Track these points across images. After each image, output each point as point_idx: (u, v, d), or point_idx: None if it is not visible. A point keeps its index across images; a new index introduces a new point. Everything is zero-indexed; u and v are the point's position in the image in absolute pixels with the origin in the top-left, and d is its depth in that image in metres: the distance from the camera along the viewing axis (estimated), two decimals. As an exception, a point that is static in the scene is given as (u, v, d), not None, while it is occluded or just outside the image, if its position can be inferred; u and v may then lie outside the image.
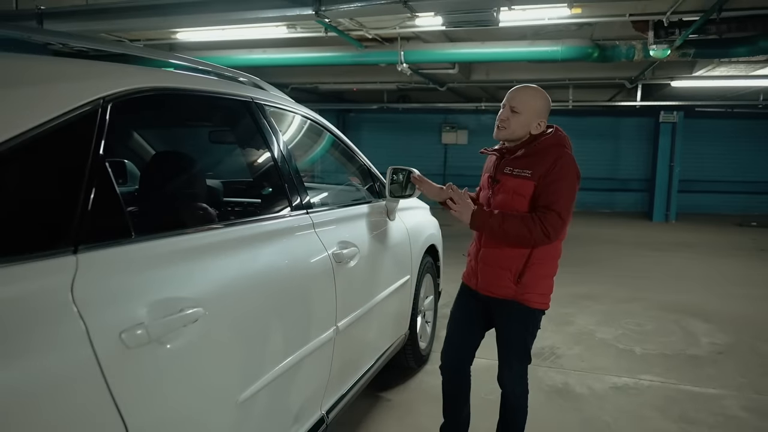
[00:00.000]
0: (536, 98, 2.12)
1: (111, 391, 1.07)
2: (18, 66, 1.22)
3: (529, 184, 2.05)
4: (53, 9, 3.99)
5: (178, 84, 1.64)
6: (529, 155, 2.09)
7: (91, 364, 1.05)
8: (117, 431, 1.08)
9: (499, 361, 2.29)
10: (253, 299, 1.60)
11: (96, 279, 1.13)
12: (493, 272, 2.17)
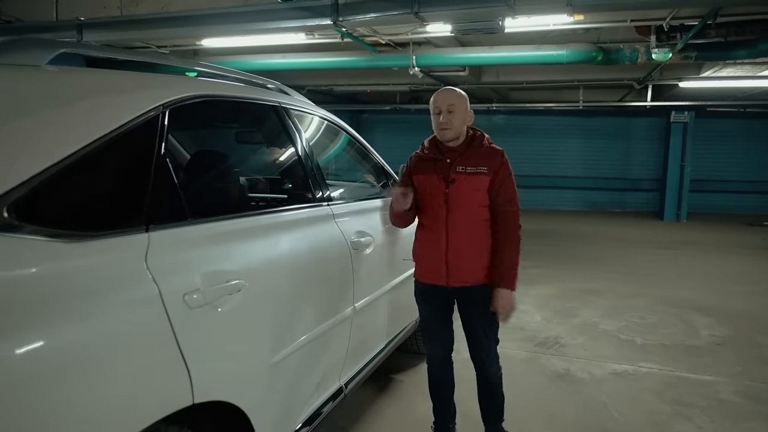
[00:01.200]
0: (461, 96, 2.41)
1: (178, 341, 1.33)
2: (103, 79, 1.49)
3: (486, 179, 2.31)
4: (92, 20, 4.30)
5: (219, 91, 1.90)
6: (478, 155, 2.35)
7: (164, 318, 1.31)
8: (182, 373, 1.34)
9: (475, 345, 2.48)
10: (284, 276, 1.86)
11: (163, 252, 1.39)
12: (465, 264, 2.35)
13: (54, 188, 1.21)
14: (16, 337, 1.02)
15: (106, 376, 1.17)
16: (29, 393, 1.01)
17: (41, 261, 1.12)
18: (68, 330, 1.11)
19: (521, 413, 3.01)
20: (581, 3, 3.11)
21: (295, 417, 1.98)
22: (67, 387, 1.08)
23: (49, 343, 1.06)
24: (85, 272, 1.20)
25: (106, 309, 1.20)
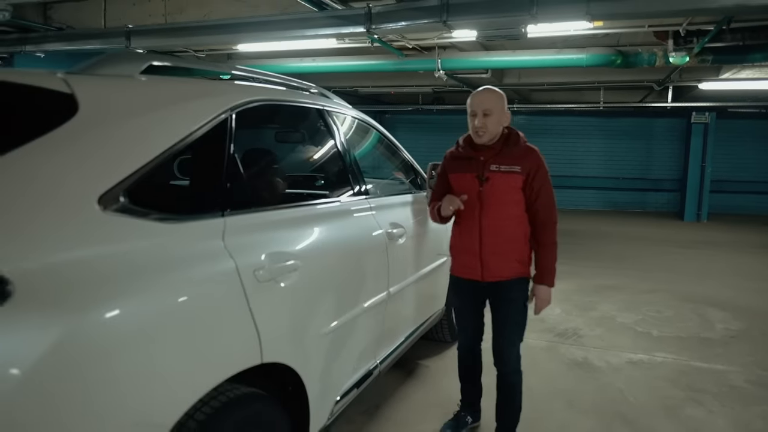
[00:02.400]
0: (498, 97, 2.41)
1: (251, 308, 1.58)
2: (184, 86, 1.75)
3: (519, 177, 2.37)
4: (139, 27, 4.62)
5: (273, 96, 2.15)
6: (513, 154, 2.39)
7: (240, 289, 1.56)
8: (253, 336, 1.59)
9: (497, 342, 2.53)
10: (331, 259, 2.10)
11: (236, 234, 1.64)
12: (500, 259, 2.42)
13: (153, 178, 1.46)
14: (136, 296, 1.28)
15: (199, 333, 1.42)
16: (153, 338, 1.27)
17: (149, 237, 1.38)
18: (169, 293, 1.36)
19: (541, 398, 3.22)
20: (599, 12, 3.31)
21: (339, 386, 2.22)
22: (170, 338, 1.34)
23: (156, 303, 1.32)
24: (179, 247, 1.45)
25: (198, 278, 1.46)
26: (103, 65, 1.61)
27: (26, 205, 1.16)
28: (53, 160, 1.25)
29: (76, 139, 1.31)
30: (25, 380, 1.03)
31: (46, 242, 1.16)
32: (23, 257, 1.10)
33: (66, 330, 1.11)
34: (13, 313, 1.04)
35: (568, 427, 2.92)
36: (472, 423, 2.83)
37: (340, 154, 2.51)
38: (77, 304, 1.15)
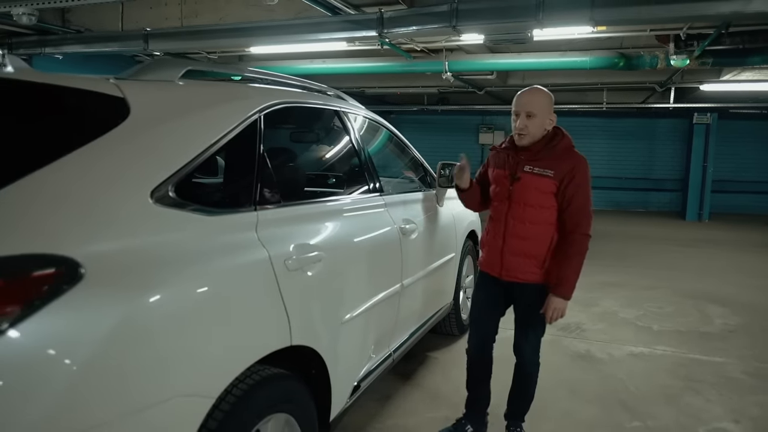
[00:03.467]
0: (545, 98, 2.34)
1: (282, 294, 1.73)
2: (218, 90, 1.90)
3: (551, 182, 2.29)
4: (157, 31, 4.77)
5: (295, 99, 2.30)
6: (550, 156, 2.32)
7: (272, 275, 1.70)
8: (284, 319, 1.73)
9: (519, 334, 2.54)
10: (351, 252, 2.24)
11: (267, 227, 1.78)
12: (519, 260, 2.38)
13: (195, 174, 1.61)
14: (184, 280, 1.42)
15: (239, 314, 1.57)
16: (199, 318, 1.42)
17: (193, 228, 1.52)
18: (212, 279, 1.50)
19: (546, 387, 3.33)
20: (602, 18, 3.45)
21: (357, 371, 2.36)
22: (214, 318, 1.48)
23: (201, 286, 1.46)
24: (219, 238, 1.59)
25: (236, 265, 1.60)
26: (147, 71, 1.76)
27: (90, 198, 1.31)
28: (112, 158, 1.39)
29: (129, 139, 1.45)
30: (95, 352, 1.18)
31: (109, 231, 1.31)
32: (91, 244, 1.24)
33: (128, 309, 1.26)
34: (85, 293, 1.18)
35: (572, 414, 3.06)
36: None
37: (356, 153, 2.66)
38: (137, 286, 1.29)
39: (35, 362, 1.09)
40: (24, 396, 1.07)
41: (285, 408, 1.76)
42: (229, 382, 1.50)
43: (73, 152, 1.31)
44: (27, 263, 1.11)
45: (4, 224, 1.14)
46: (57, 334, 1.13)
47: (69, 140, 1.34)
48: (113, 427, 1.19)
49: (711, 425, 2.97)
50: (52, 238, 1.17)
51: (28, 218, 1.18)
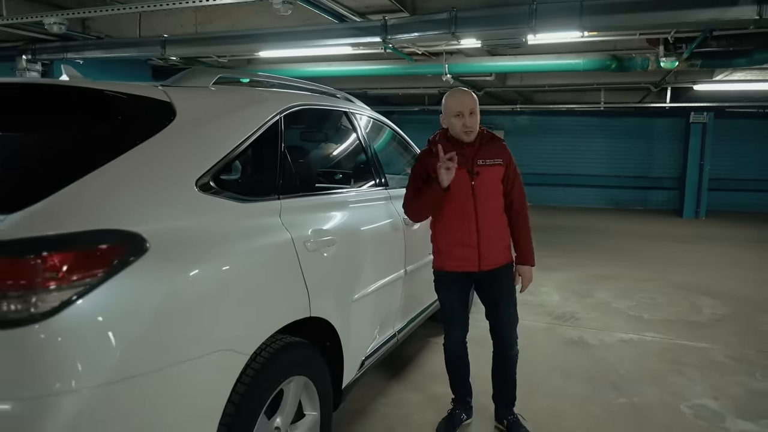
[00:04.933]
0: (476, 99, 2.58)
1: (302, 271, 1.98)
2: (245, 94, 2.16)
3: (501, 169, 2.58)
4: (173, 37, 5.04)
5: (310, 102, 2.55)
6: (492, 148, 2.59)
7: (294, 255, 1.96)
8: (304, 293, 1.99)
9: (498, 318, 2.69)
10: (360, 238, 2.50)
11: (289, 213, 2.03)
12: (495, 247, 2.60)
13: (228, 167, 1.87)
14: (223, 256, 1.68)
15: (267, 286, 1.83)
16: (237, 287, 1.68)
17: (229, 212, 1.78)
18: (246, 255, 1.77)
19: (540, 369, 3.60)
20: (590, 25, 3.70)
21: (366, 346, 2.62)
22: (249, 288, 1.75)
23: (237, 261, 1.72)
24: (249, 221, 1.85)
25: (264, 245, 1.86)
26: (185, 78, 2.02)
27: (148, 186, 1.57)
28: (164, 153, 1.65)
29: (177, 137, 1.71)
30: (157, 311, 1.44)
31: (164, 213, 1.56)
32: (151, 223, 1.50)
33: (180, 278, 1.52)
34: (149, 264, 1.44)
35: (564, 392, 3.31)
36: (466, 420, 2.89)
37: (363, 150, 2.92)
38: (187, 259, 1.55)
39: (110, 318, 1.35)
40: (104, 342, 1.33)
41: (304, 371, 2.02)
42: (259, 343, 1.75)
43: (134, 148, 1.57)
44: (106, 236, 1.37)
45: (84, 206, 1.40)
46: (129, 295, 1.38)
47: (129, 138, 1.60)
48: (178, 370, 1.45)
49: (692, 401, 3.22)
50: (123, 217, 1.43)
51: (102, 201, 1.44)
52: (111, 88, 1.69)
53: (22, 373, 1.26)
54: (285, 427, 1.97)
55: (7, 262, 1.26)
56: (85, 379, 1.30)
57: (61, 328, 1.28)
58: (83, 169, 1.45)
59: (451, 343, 2.81)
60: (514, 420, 2.76)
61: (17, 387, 1.26)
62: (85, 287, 1.31)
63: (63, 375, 1.28)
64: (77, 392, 1.29)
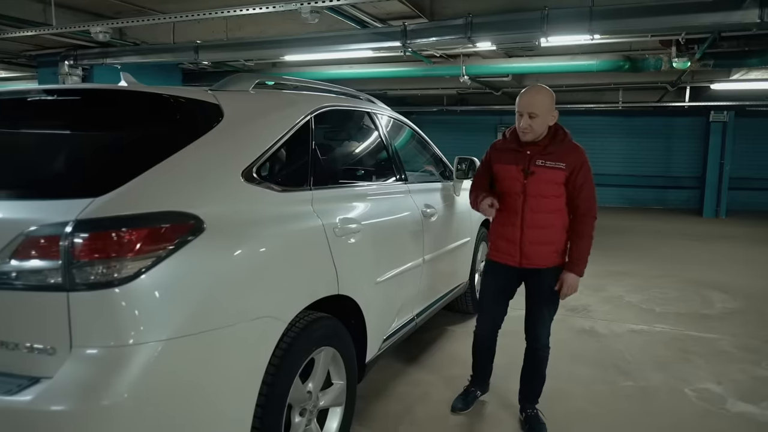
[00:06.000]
0: (545, 97, 2.53)
1: (332, 254, 2.24)
2: (281, 97, 2.42)
3: (563, 173, 2.52)
4: (206, 43, 5.38)
5: (337, 103, 2.81)
6: (559, 150, 2.54)
7: (325, 239, 2.21)
8: (333, 273, 2.24)
9: (534, 319, 2.73)
10: (382, 227, 2.75)
11: (320, 202, 2.29)
12: (539, 249, 2.60)
13: (268, 160, 2.13)
14: (265, 238, 1.94)
15: (303, 263, 2.09)
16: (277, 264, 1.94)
17: (269, 200, 2.05)
18: (284, 237, 2.03)
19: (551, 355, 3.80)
20: (599, 29, 3.91)
21: (387, 327, 2.87)
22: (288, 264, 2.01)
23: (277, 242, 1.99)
24: (287, 208, 2.12)
25: (300, 229, 2.12)
26: (229, 83, 2.29)
27: (203, 176, 1.84)
28: (215, 148, 1.92)
29: (225, 135, 1.98)
30: (213, 281, 1.71)
31: (216, 199, 1.83)
32: (206, 207, 1.77)
33: (231, 254, 1.79)
34: (206, 243, 1.70)
35: (573, 375, 3.52)
36: (480, 395, 3.06)
37: (384, 147, 3.17)
38: (235, 238, 1.82)
39: (175, 285, 1.62)
40: (170, 304, 1.60)
41: (333, 343, 2.27)
42: (296, 313, 2.01)
43: (191, 144, 1.85)
44: (172, 217, 1.64)
45: (154, 191, 1.68)
46: (189, 267, 1.65)
47: (187, 136, 1.87)
48: (229, 331, 1.72)
49: (696, 386, 3.40)
50: (185, 202, 1.70)
51: (168, 188, 1.71)
52: (171, 93, 1.97)
53: (104, 327, 1.54)
54: (316, 392, 2.23)
55: (95, 236, 1.53)
56: (154, 334, 1.57)
57: (136, 292, 1.55)
58: (151, 161, 1.73)
59: (480, 331, 2.90)
60: (533, 414, 2.81)
61: (101, 337, 1.53)
62: (155, 258, 1.58)
63: (136, 330, 1.55)
64: (147, 344, 1.55)
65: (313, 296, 2.13)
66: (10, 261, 1.54)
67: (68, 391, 1.48)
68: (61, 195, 1.63)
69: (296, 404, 2.11)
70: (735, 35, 5.25)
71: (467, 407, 2.97)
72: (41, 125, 2.03)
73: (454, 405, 2.96)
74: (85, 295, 1.51)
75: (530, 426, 2.78)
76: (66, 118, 2.01)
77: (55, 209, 1.56)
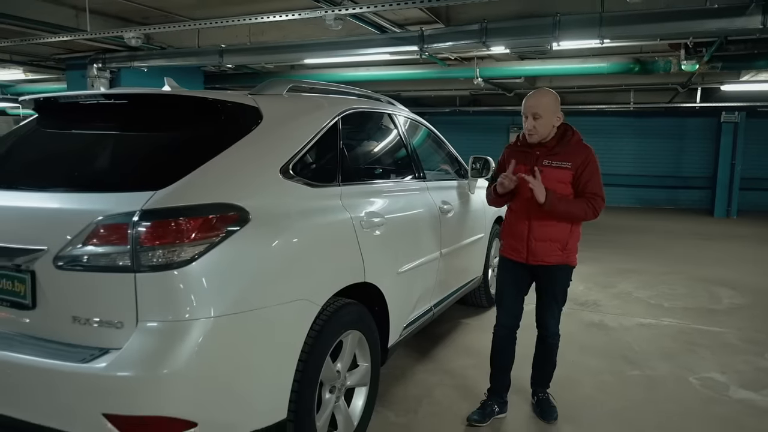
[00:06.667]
0: (549, 99, 2.64)
1: (359, 244, 2.44)
2: (312, 100, 2.63)
3: (569, 173, 2.63)
4: (230, 47, 5.61)
5: (361, 105, 3.01)
6: (565, 151, 2.65)
7: (353, 231, 2.41)
8: (360, 262, 2.44)
9: (543, 310, 2.87)
10: (404, 221, 2.94)
11: (347, 197, 2.49)
12: (545, 245, 2.71)
13: (302, 158, 2.33)
14: (301, 229, 2.14)
15: (334, 252, 2.30)
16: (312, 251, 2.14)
17: (304, 194, 2.25)
18: (317, 228, 2.23)
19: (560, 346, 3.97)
20: (608, 35, 4.08)
21: (407, 315, 3.06)
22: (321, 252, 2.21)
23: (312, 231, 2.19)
24: (319, 202, 2.32)
25: (330, 221, 2.33)
26: (265, 88, 2.50)
27: (247, 173, 2.05)
28: (256, 147, 2.13)
29: (265, 135, 2.18)
30: (256, 266, 1.91)
31: (258, 192, 2.04)
32: (250, 200, 1.97)
33: (273, 241, 1.99)
34: (251, 232, 1.91)
35: (581, 364, 3.69)
36: (499, 413, 2.92)
37: (404, 146, 3.37)
38: (276, 228, 2.03)
39: (225, 268, 1.82)
40: (220, 285, 1.81)
41: (359, 327, 2.47)
42: (328, 297, 2.21)
43: (235, 143, 2.06)
44: (223, 208, 1.85)
45: (206, 186, 1.89)
46: (237, 253, 1.86)
47: (232, 136, 2.08)
48: (271, 310, 1.93)
49: (700, 375, 3.56)
50: (233, 194, 1.91)
51: (217, 182, 1.92)
52: (217, 97, 2.18)
53: (164, 304, 1.75)
54: (343, 372, 2.43)
55: (158, 224, 1.74)
56: (205, 311, 1.77)
57: (191, 274, 1.76)
58: (203, 158, 1.94)
59: (499, 329, 2.93)
60: (544, 398, 2.97)
61: (162, 312, 1.74)
62: (208, 245, 1.79)
63: (191, 307, 1.75)
64: (200, 320, 1.76)
65: (343, 282, 2.33)
66: (84, 246, 1.76)
67: (135, 360, 1.69)
68: (126, 188, 1.85)
69: (327, 382, 2.32)
70: (742, 39, 5.38)
71: (484, 421, 2.87)
72: (107, 127, 2.26)
73: (470, 417, 2.88)
74: (149, 276, 1.72)
75: (542, 408, 2.95)
76: (128, 121, 2.23)
77: (122, 201, 1.78)
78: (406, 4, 3.87)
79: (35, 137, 2.40)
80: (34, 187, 2.02)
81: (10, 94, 11.39)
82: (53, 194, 1.95)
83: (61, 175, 2.09)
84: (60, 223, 1.82)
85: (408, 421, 2.92)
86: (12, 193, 2.01)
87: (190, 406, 1.74)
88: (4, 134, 2.58)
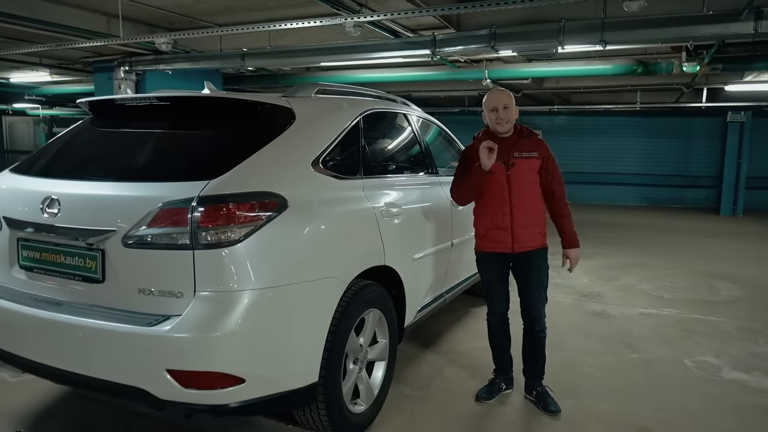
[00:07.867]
0: (511, 96, 2.93)
1: (380, 231, 2.71)
2: (337, 101, 2.92)
3: (537, 162, 2.90)
4: (251, 50, 5.92)
5: (379, 106, 3.29)
6: (529, 143, 2.93)
7: (374, 219, 2.69)
8: (380, 247, 2.71)
9: (528, 298, 2.98)
10: (419, 212, 3.22)
11: (369, 189, 2.76)
12: (528, 231, 2.91)
13: (330, 153, 2.62)
14: (330, 216, 2.43)
15: (359, 237, 2.58)
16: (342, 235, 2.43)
17: (332, 185, 2.53)
18: (344, 216, 2.51)
19: (563, 333, 4.23)
20: (610, 39, 4.34)
21: (421, 299, 3.33)
22: (348, 237, 2.49)
23: (340, 219, 2.47)
24: (345, 192, 2.60)
25: (355, 210, 2.61)
26: (296, 91, 2.79)
27: (282, 166, 2.33)
28: (290, 144, 2.41)
29: (298, 133, 2.47)
30: (292, 248, 2.20)
31: (293, 183, 2.32)
32: (287, 190, 2.25)
33: (307, 226, 2.27)
34: (288, 217, 2.19)
35: (583, 348, 3.94)
36: (506, 389, 3.18)
37: (418, 143, 3.64)
38: (309, 215, 2.31)
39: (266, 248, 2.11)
40: (262, 262, 2.09)
41: (379, 306, 2.75)
42: (353, 277, 2.50)
43: (273, 140, 2.34)
44: (266, 196, 2.14)
45: (251, 176, 2.17)
46: (276, 235, 2.14)
47: (270, 134, 2.37)
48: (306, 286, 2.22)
49: (695, 358, 3.81)
50: (273, 184, 2.20)
51: (260, 173, 2.21)
52: (257, 99, 2.47)
53: (216, 276, 2.04)
54: (365, 346, 2.71)
55: (213, 208, 2.03)
56: (250, 284, 2.06)
57: (239, 253, 2.05)
58: (247, 152, 2.23)
59: (493, 317, 3.14)
60: (543, 391, 3.06)
61: (214, 283, 2.03)
62: (253, 227, 2.08)
63: (239, 280, 2.04)
64: (245, 291, 2.05)
65: (366, 264, 2.62)
66: (149, 227, 2.05)
67: (194, 324, 1.99)
68: (183, 178, 2.14)
69: (351, 354, 2.60)
70: (743, 41, 5.60)
71: (492, 397, 3.11)
72: (161, 126, 2.55)
73: (479, 394, 3.11)
74: (205, 253, 2.02)
75: (543, 402, 3.03)
76: (179, 120, 2.53)
77: (182, 188, 2.07)
78: (420, 12, 4.15)
79: (93, 135, 2.71)
80: (102, 178, 2.33)
81: (35, 95, 11.77)
82: (119, 183, 2.25)
83: (124, 167, 2.40)
84: (127, 207, 2.12)
85: (422, 394, 3.20)
86: (83, 182, 2.31)
87: (238, 363, 2.03)
88: (62, 133, 2.88)
